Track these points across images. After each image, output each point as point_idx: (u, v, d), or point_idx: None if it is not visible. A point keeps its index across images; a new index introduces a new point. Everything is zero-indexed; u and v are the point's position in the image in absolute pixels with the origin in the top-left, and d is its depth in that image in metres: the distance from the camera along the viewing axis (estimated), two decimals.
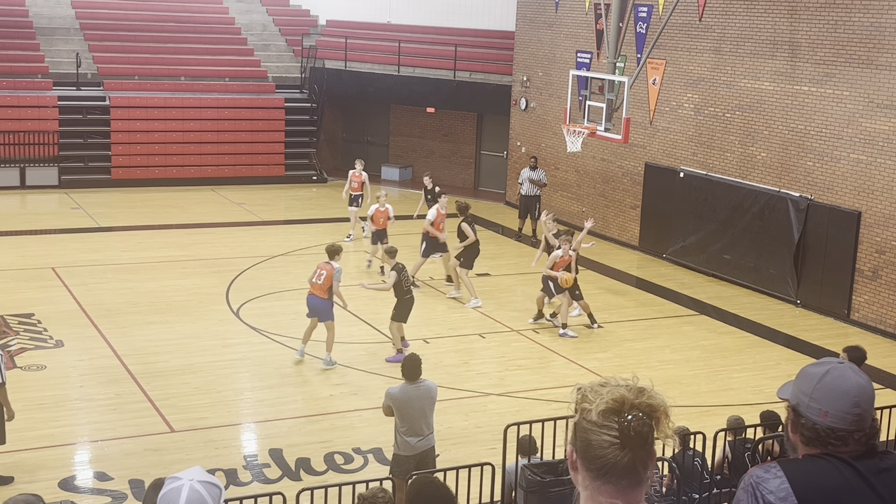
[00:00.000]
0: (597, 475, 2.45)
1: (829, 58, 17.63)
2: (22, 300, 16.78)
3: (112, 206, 24.46)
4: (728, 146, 19.86)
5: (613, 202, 22.96)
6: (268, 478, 11.07)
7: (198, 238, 21.66)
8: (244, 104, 28.18)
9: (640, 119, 21.49)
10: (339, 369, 14.46)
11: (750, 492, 2.94)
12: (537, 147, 24.88)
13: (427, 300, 17.88)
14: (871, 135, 16.98)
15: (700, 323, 17.49)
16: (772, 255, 18.82)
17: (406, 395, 9.87)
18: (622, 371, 14.31)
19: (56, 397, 13.06)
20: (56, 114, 26.38)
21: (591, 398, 2.46)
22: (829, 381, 2.94)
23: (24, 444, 11.37)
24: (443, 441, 11.21)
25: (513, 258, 21.05)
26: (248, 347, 15.28)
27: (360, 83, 28.55)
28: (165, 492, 3.17)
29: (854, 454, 2.93)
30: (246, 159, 27.49)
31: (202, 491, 3.16)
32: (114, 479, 10.92)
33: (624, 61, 20.84)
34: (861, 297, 17.39)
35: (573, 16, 23.55)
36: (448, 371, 14.42)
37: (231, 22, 31.41)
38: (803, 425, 2.96)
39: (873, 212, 17.08)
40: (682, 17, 20.32)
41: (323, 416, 12.76)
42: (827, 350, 15.97)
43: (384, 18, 30.33)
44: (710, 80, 20.11)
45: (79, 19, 29.57)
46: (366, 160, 30.37)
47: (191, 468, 3.26)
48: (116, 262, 19.51)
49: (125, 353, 14.62)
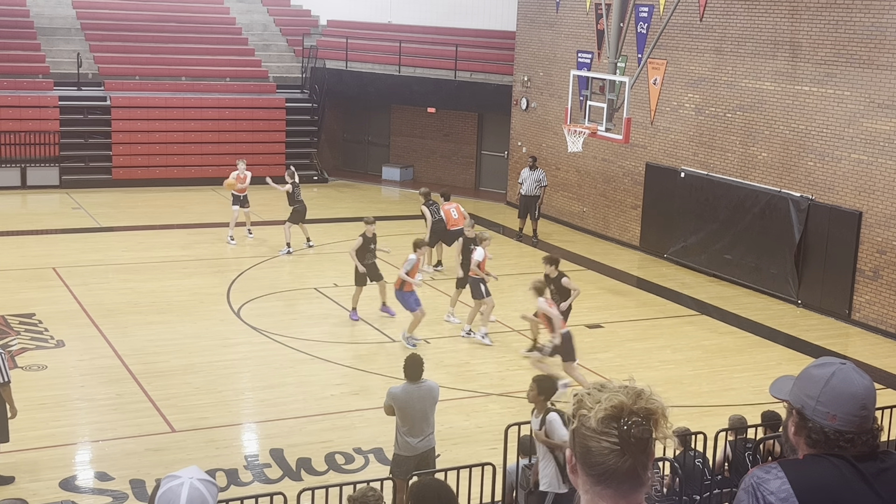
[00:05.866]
0: (597, 480, 2.45)
1: (829, 58, 17.63)
2: (23, 300, 16.79)
3: (113, 206, 24.46)
4: (729, 146, 19.85)
5: (614, 202, 22.95)
6: (269, 478, 11.07)
7: (199, 238, 21.65)
8: (245, 104, 28.19)
9: (641, 119, 21.49)
10: (340, 369, 14.48)
11: (751, 493, 2.94)
12: (538, 147, 24.87)
13: (427, 301, 17.89)
14: (871, 135, 16.98)
15: (701, 323, 17.49)
16: (773, 255, 18.82)
17: (408, 396, 9.87)
18: (623, 371, 14.32)
19: (57, 397, 13.06)
20: (57, 114, 26.39)
21: (589, 405, 2.44)
22: (836, 385, 2.94)
23: (25, 443, 11.38)
24: (443, 441, 11.22)
25: (513, 258, 21.03)
26: (248, 347, 15.28)
27: (361, 83, 28.56)
28: (165, 489, 3.18)
29: (855, 454, 2.93)
30: (247, 159, 27.40)
31: (202, 489, 3.18)
32: (114, 479, 10.92)
33: (625, 61, 20.84)
34: (862, 298, 17.38)
35: (574, 16, 23.55)
36: (449, 371, 14.43)
37: (232, 22, 31.42)
38: (811, 429, 2.96)
39: (874, 212, 17.08)
40: (682, 17, 20.31)
41: (324, 416, 12.75)
42: (828, 350, 15.98)
43: (385, 18, 30.34)
44: (711, 80, 20.11)
45: (80, 19, 29.58)
46: (367, 160, 30.64)
47: (188, 467, 3.28)
48: (117, 262, 19.52)
49: (126, 353, 14.62)
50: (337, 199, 26.28)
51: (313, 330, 16.09)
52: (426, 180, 27.54)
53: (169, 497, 3.16)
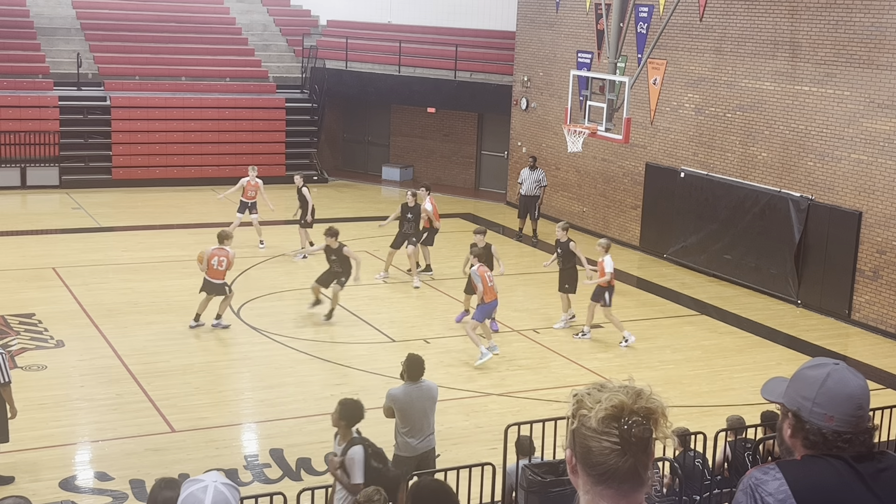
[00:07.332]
0: (598, 480, 2.45)
1: (829, 58, 17.63)
2: (23, 300, 16.79)
3: (113, 206, 24.47)
4: (729, 146, 19.86)
5: (614, 202, 22.96)
6: (268, 478, 11.08)
7: (199, 238, 21.58)
8: (245, 104, 28.19)
9: (641, 119, 21.49)
10: (340, 369, 14.48)
11: (749, 493, 2.94)
12: (538, 147, 24.87)
13: (427, 300, 17.90)
14: (871, 135, 16.98)
15: (701, 323, 17.49)
16: (772, 256, 18.82)
17: (408, 396, 9.86)
18: (623, 371, 14.32)
19: (57, 397, 13.07)
20: (57, 114, 26.39)
21: (589, 405, 2.44)
22: (831, 386, 2.94)
23: (25, 443, 11.38)
24: (443, 441, 11.21)
25: (513, 258, 21.01)
26: (248, 347, 15.29)
27: (361, 83, 28.56)
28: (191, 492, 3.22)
29: (853, 455, 2.94)
30: (247, 159, 27.36)
31: (226, 493, 3.22)
32: (114, 479, 10.93)
33: (625, 61, 20.85)
34: (862, 298, 17.38)
35: (574, 16, 23.55)
36: (448, 371, 14.42)
37: (232, 22, 31.42)
38: (808, 430, 2.96)
39: (874, 212, 17.08)
40: (682, 17, 20.31)
41: (324, 416, 12.67)
42: (828, 350, 15.98)
43: (385, 18, 30.34)
44: (711, 80, 20.11)
45: (80, 19, 29.58)
46: (367, 160, 30.63)
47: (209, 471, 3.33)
48: (117, 262, 19.52)
49: (126, 353, 14.63)
50: (337, 199, 26.27)
51: (313, 330, 16.10)
52: (426, 180, 27.50)
53: (192, 501, 3.19)
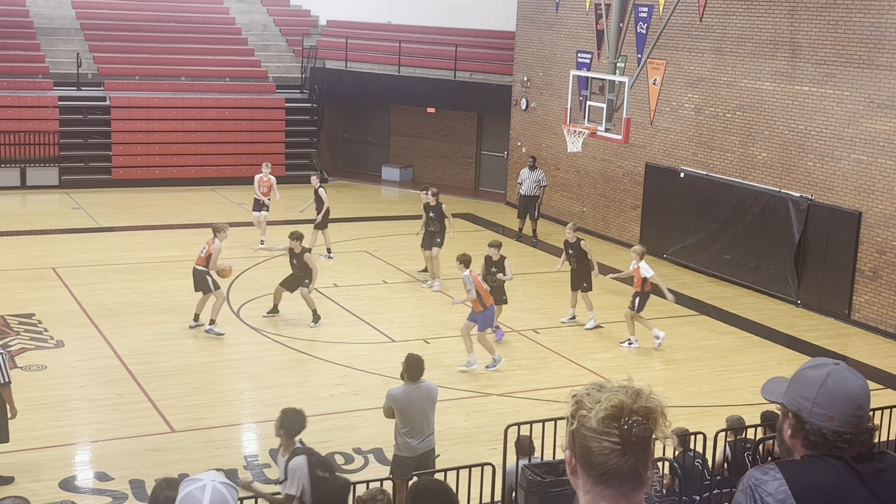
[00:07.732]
0: (598, 480, 2.45)
1: (829, 58, 17.63)
2: (22, 300, 16.79)
3: (112, 207, 24.47)
4: (728, 146, 19.86)
5: (614, 202, 22.96)
6: (268, 478, 11.07)
7: (198, 238, 21.50)
8: (244, 104, 28.19)
9: (641, 119, 21.49)
10: (339, 369, 14.48)
11: (749, 494, 2.94)
12: (538, 147, 24.88)
13: (427, 300, 17.90)
14: (871, 135, 16.98)
15: (700, 323, 17.49)
16: (772, 256, 18.82)
17: (408, 397, 9.86)
18: (623, 371, 14.33)
19: (56, 397, 13.07)
20: (56, 114, 26.39)
21: (589, 405, 2.44)
22: (831, 386, 2.95)
23: (25, 444, 11.38)
24: (443, 441, 11.21)
25: (513, 258, 20.94)
26: (248, 347, 15.29)
27: (361, 83, 28.56)
28: (189, 491, 3.22)
29: (853, 455, 2.94)
30: (246, 159, 27.46)
31: (224, 492, 3.23)
32: (114, 480, 10.93)
33: (624, 61, 20.85)
34: (862, 298, 17.39)
35: (573, 16, 23.55)
36: (448, 371, 14.42)
37: (231, 22, 31.42)
38: (808, 431, 2.96)
39: (874, 212, 17.08)
40: (682, 17, 20.32)
41: (323, 417, 12.74)
42: (827, 350, 15.98)
43: (384, 18, 30.34)
44: (711, 81, 20.11)
45: (79, 19, 29.58)
46: (366, 160, 30.63)
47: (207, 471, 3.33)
48: (117, 263, 19.52)
49: (125, 353, 14.63)
50: (337, 200, 26.19)
51: (313, 330, 16.10)
52: (426, 180, 27.54)
53: (190, 500, 3.19)
